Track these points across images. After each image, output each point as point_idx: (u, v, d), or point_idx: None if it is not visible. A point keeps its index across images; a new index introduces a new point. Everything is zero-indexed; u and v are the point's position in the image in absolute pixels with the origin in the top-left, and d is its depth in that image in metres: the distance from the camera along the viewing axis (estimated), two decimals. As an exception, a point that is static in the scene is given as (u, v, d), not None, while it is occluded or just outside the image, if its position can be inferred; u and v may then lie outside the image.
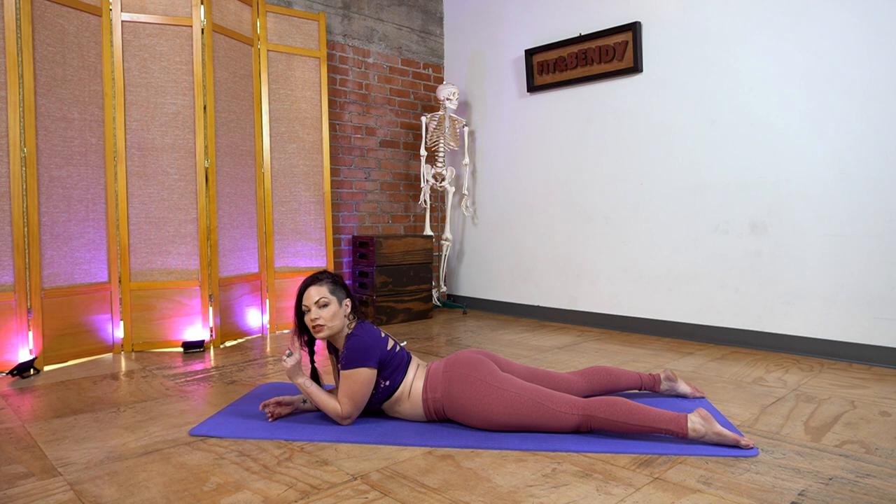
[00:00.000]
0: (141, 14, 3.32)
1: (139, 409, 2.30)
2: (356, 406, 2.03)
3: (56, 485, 1.63)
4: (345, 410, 2.02)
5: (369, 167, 4.66)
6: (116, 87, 3.27)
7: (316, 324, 2.02)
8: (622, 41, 3.83)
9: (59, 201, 3.05)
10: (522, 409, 1.94)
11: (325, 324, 2.02)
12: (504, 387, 1.97)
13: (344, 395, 2.02)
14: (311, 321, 2.03)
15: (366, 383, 2.02)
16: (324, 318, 2.02)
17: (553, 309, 4.32)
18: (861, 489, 1.57)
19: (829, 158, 3.07)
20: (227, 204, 3.60)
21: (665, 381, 2.35)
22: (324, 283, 2.07)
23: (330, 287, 2.07)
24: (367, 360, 2.01)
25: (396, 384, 2.07)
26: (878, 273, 2.93)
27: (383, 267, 4.22)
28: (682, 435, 1.82)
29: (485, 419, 1.97)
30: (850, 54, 2.99)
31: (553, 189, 4.31)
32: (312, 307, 2.03)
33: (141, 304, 3.35)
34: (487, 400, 1.96)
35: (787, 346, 3.21)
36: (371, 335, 2.06)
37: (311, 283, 2.07)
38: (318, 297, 2.03)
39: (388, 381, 2.06)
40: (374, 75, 4.67)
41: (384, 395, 2.08)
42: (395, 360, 2.08)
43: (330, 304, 2.04)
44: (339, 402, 2.03)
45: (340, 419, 2.04)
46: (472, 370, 2.02)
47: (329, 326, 2.03)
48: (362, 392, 2.02)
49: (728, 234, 3.43)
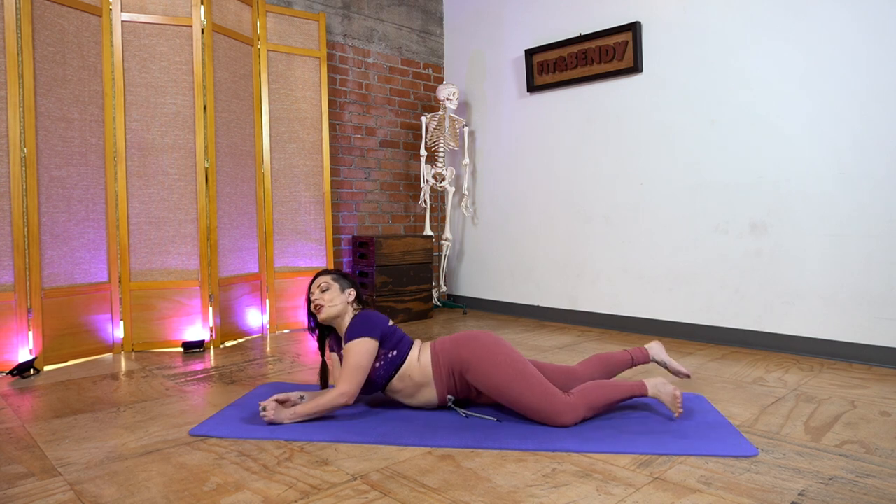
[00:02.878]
0: (141, 14, 3.32)
1: (139, 409, 2.30)
2: (356, 381, 2.04)
3: (56, 485, 1.63)
4: (343, 387, 2.04)
5: (369, 167, 4.66)
6: (116, 87, 3.27)
7: (316, 304, 2.18)
8: (622, 41, 3.83)
9: (59, 201, 3.05)
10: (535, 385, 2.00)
11: (324, 304, 2.17)
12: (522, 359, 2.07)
13: (343, 371, 2.06)
14: (314, 303, 2.19)
15: (366, 354, 2.06)
16: (324, 299, 2.18)
17: (553, 309, 4.31)
18: (861, 489, 1.57)
19: (829, 158, 3.07)
20: (227, 204, 3.60)
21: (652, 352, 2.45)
22: (329, 273, 2.27)
23: (334, 276, 2.26)
24: (369, 332, 2.09)
25: (404, 354, 2.13)
26: (878, 273, 2.93)
27: (383, 267, 4.22)
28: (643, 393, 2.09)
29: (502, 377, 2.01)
30: (851, 54, 2.99)
31: (553, 189, 4.31)
32: (315, 291, 2.21)
33: (141, 304, 3.35)
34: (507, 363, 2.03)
35: (787, 346, 3.21)
36: (373, 313, 2.18)
37: (319, 274, 2.27)
38: (321, 282, 2.22)
39: (395, 350, 2.12)
40: (374, 75, 4.67)
41: (391, 367, 2.10)
42: (399, 333, 2.18)
43: (331, 288, 2.20)
44: (338, 382, 2.06)
45: (343, 398, 2.04)
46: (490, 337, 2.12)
47: (328, 307, 2.17)
48: (363, 364, 2.05)
49: (728, 234, 3.43)
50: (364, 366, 2.05)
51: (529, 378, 2.00)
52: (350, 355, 2.06)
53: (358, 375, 2.05)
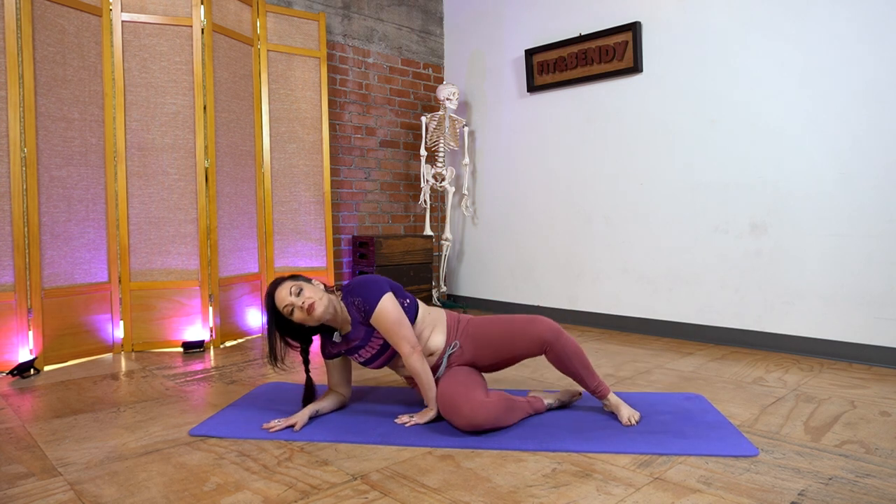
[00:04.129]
0: (141, 14, 3.32)
1: (139, 409, 2.30)
2: (409, 332, 2.04)
3: (56, 485, 1.63)
4: (405, 347, 2.02)
5: (369, 167, 4.65)
6: (116, 87, 3.27)
7: (307, 304, 1.93)
8: (622, 41, 3.83)
9: (59, 201, 3.05)
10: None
11: (314, 300, 1.94)
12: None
13: (392, 334, 2.02)
14: (301, 307, 1.94)
15: (395, 308, 2.03)
16: (308, 296, 1.95)
17: (553, 309, 4.31)
18: (861, 489, 1.57)
19: (829, 158, 3.07)
20: (227, 204, 3.60)
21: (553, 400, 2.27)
22: (285, 280, 2.02)
23: (292, 280, 2.02)
24: (380, 289, 2.05)
25: (415, 301, 2.15)
26: (878, 273, 2.93)
27: (383, 267, 4.22)
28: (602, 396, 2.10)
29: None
30: (851, 54, 2.98)
31: (553, 189, 4.31)
32: (291, 298, 1.95)
33: (141, 304, 3.35)
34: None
35: (787, 346, 3.21)
36: (365, 276, 2.13)
37: (274, 288, 2.00)
38: (289, 288, 1.97)
39: (407, 299, 2.12)
40: (374, 75, 4.67)
41: (412, 314, 2.11)
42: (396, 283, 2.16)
43: (303, 288, 1.98)
44: (398, 345, 2.03)
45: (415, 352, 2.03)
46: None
47: (319, 300, 1.95)
48: (400, 317, 2.04)
49: (728, 234, 3.43)
50: (402, 318, 2.04)
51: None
52: (384, 316, 2.01)
53: (405, 327, 2.04)
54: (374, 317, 2.03)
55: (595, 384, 2.08)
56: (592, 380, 2.08)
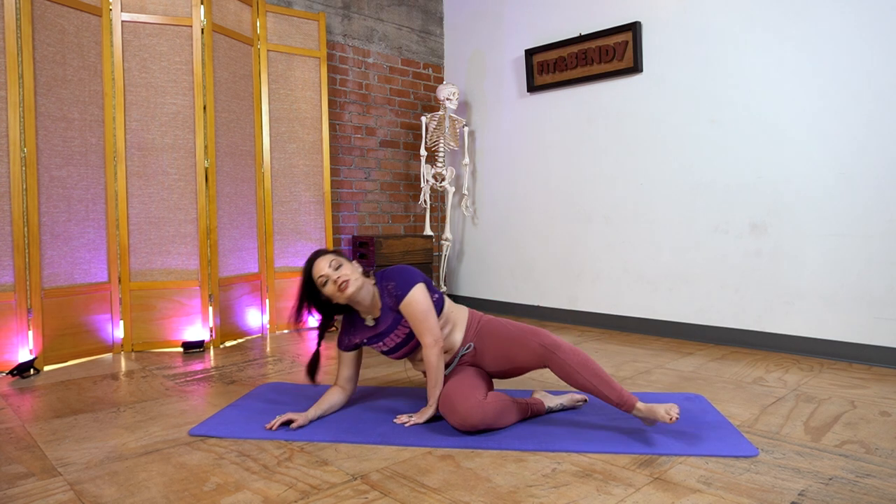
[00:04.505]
0: (141, 14, 3.32)
1: (139, 409, 2.30)
2: (435, 324, 2.06)
3: (56, 485, 1.63)
4: (428, 338, 2.04)
5: (369, 167, 4.65)
6: (116, 87, 3.27)
7: (342, 280, 2.01)
8: (622, 41, 3.83)
9: (59, 201, 3.05)
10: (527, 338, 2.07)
11: (349, 277, 2.02)
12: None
13: (418, 323, 2.04)
14: (335, 282, 2.02)
15: (426, 298, 2.07)
16: (346, 273, 2.03)
17: (553, 309, 4.31)
18: (861, 489, 1.57)
19: (830, 158, 3.07)
20: (227, 204, 3.60)
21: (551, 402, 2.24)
22: (328, 253, 2.12)
23: (336, 253, 2.13)
24: (414, 279, 2.09)
25: (442, 297, 2.17)
26: (878, 273, 2.93)
27: (383, 267, 4.22)
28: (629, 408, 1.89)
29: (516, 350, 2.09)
30: (851, 54, 2.99)
31: (553, 189, 4.31)
32: (328, 270, 2.04)
33: (141, 304, 3.35)
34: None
35: (787, 346, 3.21)
36: (402, 266, 2.17)
37: (316, 257, 2.09)
38: (330, 261, 2.06)
39: (436, 294, 2.15)
40: (374, 75, 4.67)
41: (439, 309, 2.14)
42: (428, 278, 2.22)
43: (343, 264, 2.07)
44: (421, 336, 2.05)
45: (436, 346, 2.04)
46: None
47: (354, 280, 2.04)
48: (429, 307, 2.06)
49: (728, 235, 3.43)
50: (431, 309, 2.07)
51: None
52: (414, 305, 2.05)
53: (431, 318, 2.06)
54: (405, 303, 2.06)
55: (617, 397, 1.90)
56: (613, 392, 1.90)
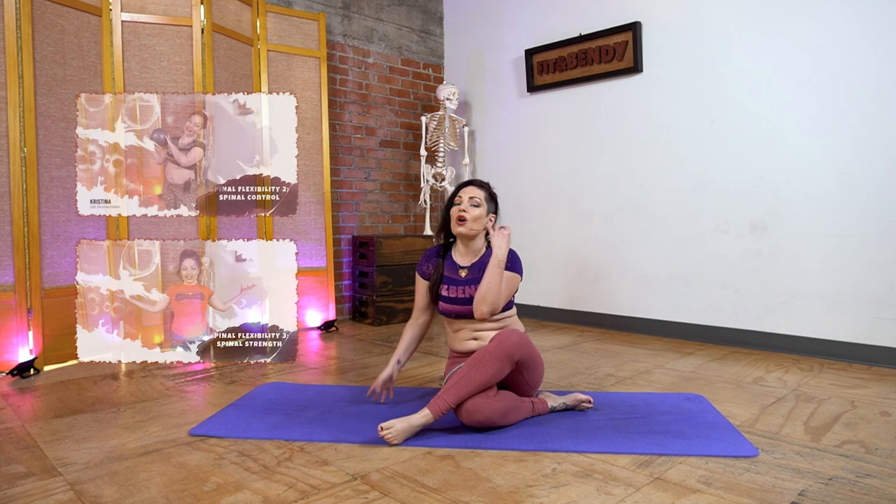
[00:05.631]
0: (141, 14, 3.32)
1: (139, 409, 2.30)
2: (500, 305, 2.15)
3: (56, 485, 1.63)
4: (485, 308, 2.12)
5: (369, 167, 4.65)
6: (116, 88, 3.27)
7: (462, 215, 2.17)
8: (622, 41, 3.83)
9: (60, 201, 3.05)
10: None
11: (468, 218, 2.16)
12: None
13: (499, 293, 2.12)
14: (458, 211, 2.18)
15: (514, 287, 2.21)
16: (471, 214, 2.17)
17: (553, 309, 4.31)
18: (861, 489, 1.57)
19: (830, 158, 3.07)
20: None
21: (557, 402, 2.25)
22: (483, 189, 2.24)
23: (486, 195, 2.23)
24: (520, 272, 2.24)
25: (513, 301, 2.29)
26: (878, 273, 2.93)
27: (383, 267, 4.22)
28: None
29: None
30: (851, 54, 2.98)
31: (553, 189, 4.31)
32: (465, 199, 2.19)
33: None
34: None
35: (787, 346, 3.21)
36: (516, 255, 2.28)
37: (472, 183, 2.25)
38: (474, 195, 2.19)
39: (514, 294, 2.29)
40: (374, 75, 4.67)
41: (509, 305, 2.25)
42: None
43: (481, 206, 2.19)
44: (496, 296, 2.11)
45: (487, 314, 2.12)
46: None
47: (472, 223, 2.17)
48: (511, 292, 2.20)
49: (728, 234, 3.43)
50: (511, 294, 2.19)
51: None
52: (511, 280, 2.18)
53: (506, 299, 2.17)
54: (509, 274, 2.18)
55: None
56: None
